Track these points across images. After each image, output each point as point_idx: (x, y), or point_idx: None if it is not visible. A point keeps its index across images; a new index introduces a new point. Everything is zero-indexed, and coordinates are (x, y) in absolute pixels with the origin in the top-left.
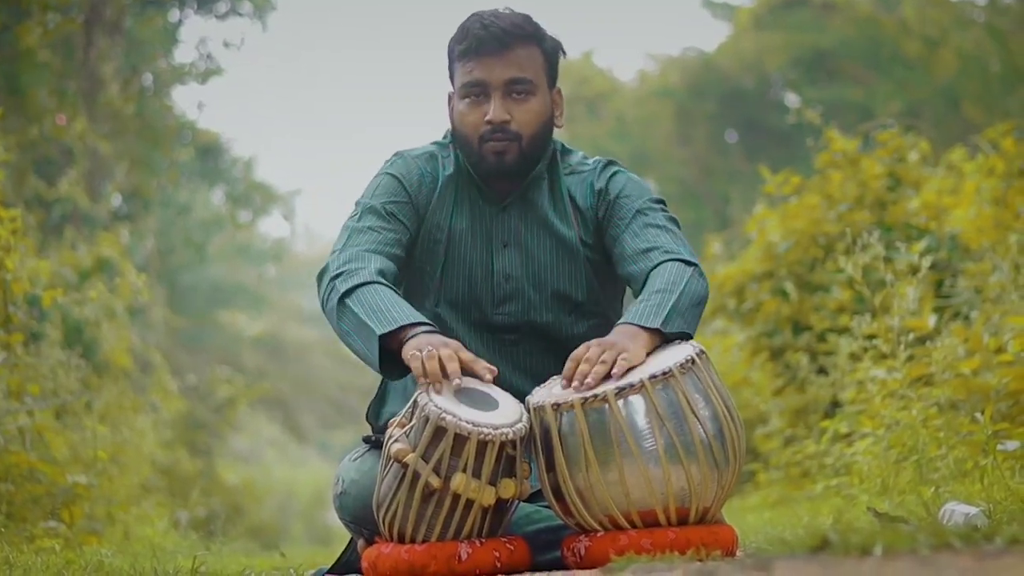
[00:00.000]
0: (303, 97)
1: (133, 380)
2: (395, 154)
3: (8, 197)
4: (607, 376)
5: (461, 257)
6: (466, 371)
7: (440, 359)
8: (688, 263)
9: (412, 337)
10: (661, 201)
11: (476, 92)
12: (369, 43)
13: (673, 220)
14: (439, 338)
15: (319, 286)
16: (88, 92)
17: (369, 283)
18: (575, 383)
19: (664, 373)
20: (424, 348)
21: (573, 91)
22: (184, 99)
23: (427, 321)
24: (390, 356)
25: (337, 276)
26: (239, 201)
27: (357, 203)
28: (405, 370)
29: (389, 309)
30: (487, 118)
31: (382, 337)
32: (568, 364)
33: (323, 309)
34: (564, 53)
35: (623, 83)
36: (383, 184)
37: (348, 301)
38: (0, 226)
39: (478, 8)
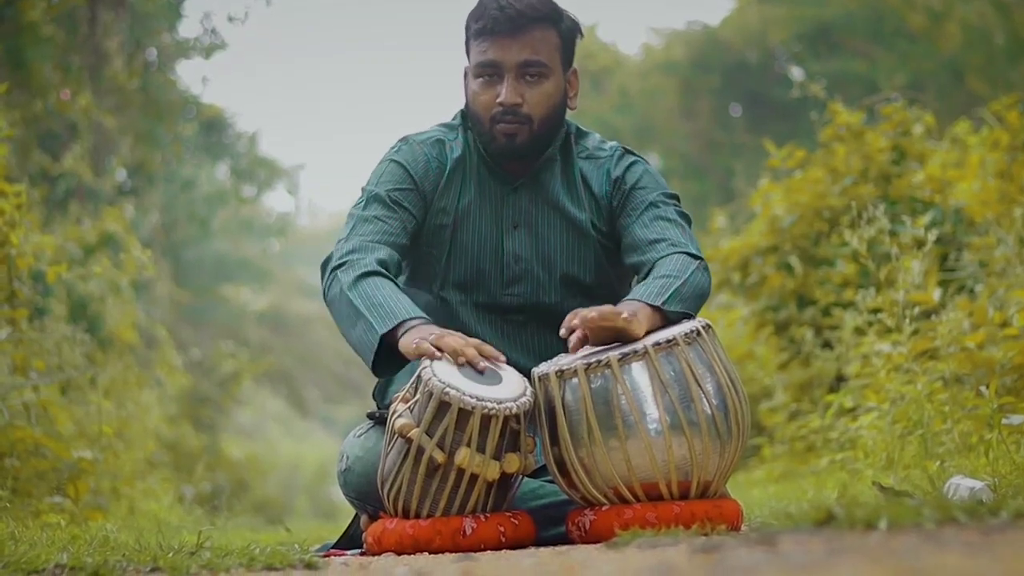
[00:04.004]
0: (308, 73)
1: (138, 355)
2: (401, 140)
3: (12, 172)
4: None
5: (469, 239)
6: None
7: (451, 343)
8: (694, 257)
9: (408, 330)
10: (675, 196)
11: (489, 72)
12: (372, 21)
13: (684, 215)
14: (436, 328)
15: (322, 275)
16: (92, 67)
17: (370, 274)
18: (576, 336)
19: (668, 341)
20: (428, 335)
21: (577, 65)
22: (188, 74)
23: (423, 315)
24: (384, 351)
25: (339, 266)
26: (243, 176)
27: (363, 189)
28: (396, 367)
29: (388, 304)
30: (499, 100)
31: (384, 335)
32: (568, 316)
33: (324, 299)
34: (582, 34)
35: (627, 57)
36: (388, 171)
37: (349, 293)
38: (4, 201)
39: None
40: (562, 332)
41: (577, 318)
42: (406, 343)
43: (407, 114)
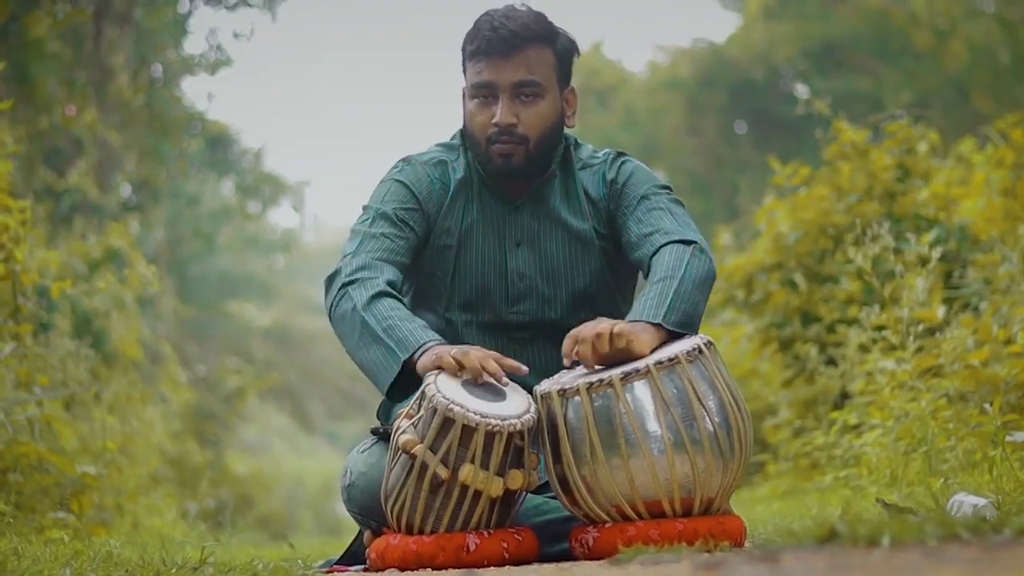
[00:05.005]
0: (312, 89)
1: (142, 371)
2: (403, 159)
3: (17, 188)
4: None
5: (473, 259)
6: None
7: (474, 357)
8: (687, 243)
9: (425, 352)
10: (667, 187)
11: (484, 93)
12: (376, 41)
13: (677, 202)
14: (453, 347)
15: (328, 289)
16: (98, 83)
17: (382, 295)
18: (575, 358)
19: (670, 360)
20: (446, 354)
21: (583, 83)
22: (193, 90)
23: (438, 337)
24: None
25: (350, 283)
26: (248, 192)
27: (366, 207)
28: (410, 390)
29: (404, 327)
30: (494, 120)
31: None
32: (566, 342)
33: (330, 313)
34: (578, 52)
35: (633, 74)
36: (393, 190)
37: (363, 314)
38: (9, 217)
39: (494, 3)
40: (566, 362)
41: (577, 347)
42: (424, 364)
43: (415, 130)
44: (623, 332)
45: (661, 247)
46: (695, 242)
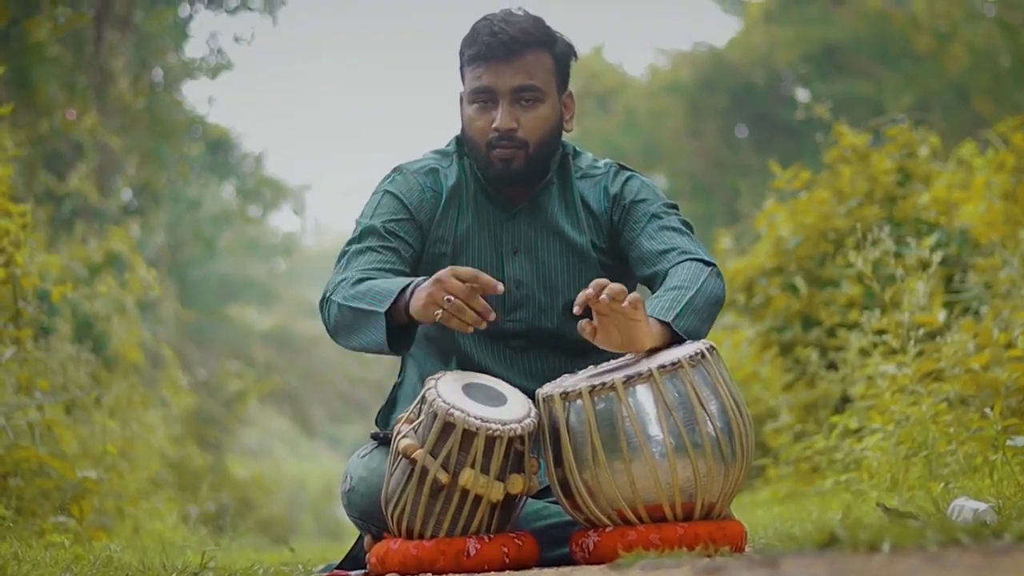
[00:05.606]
0: (312, 93)
1: (143, 375)
2: (394, 169)
3: (18, 192)
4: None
5: (469, 266)
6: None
7: (465, 304)
8: (706, 263)
9: (412, 296)
10: (674, 205)
11: (484, 98)
12: (377, 42)
13: (687, 223)
14: (434, 280)
15: (321, 312)
16: (98, 86)
17: (359, 281)
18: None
19: (673, 364)
20: (437, 298)
21: (583, 86)
22: (194, 94)
23: (417, 279)
24: (396, 330)
25: (333, 292)
26: (249, 196)
27: (357, 222)
28: (411, 339)
29: (378, 288)
30: (494, 125)
31: (386, 314)
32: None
33: (330, 334)
34: (576, 56)
35: (633, 78)
36: (383, 202)
37: (345, 304)
38: (10, 221)
39: (492, 6)
40: (576, 309)
41: (587, 297)
42: (416, 307)
43: (414, 135)
44: (638, 301)
45: (680, 262)
46: (713, 264)
